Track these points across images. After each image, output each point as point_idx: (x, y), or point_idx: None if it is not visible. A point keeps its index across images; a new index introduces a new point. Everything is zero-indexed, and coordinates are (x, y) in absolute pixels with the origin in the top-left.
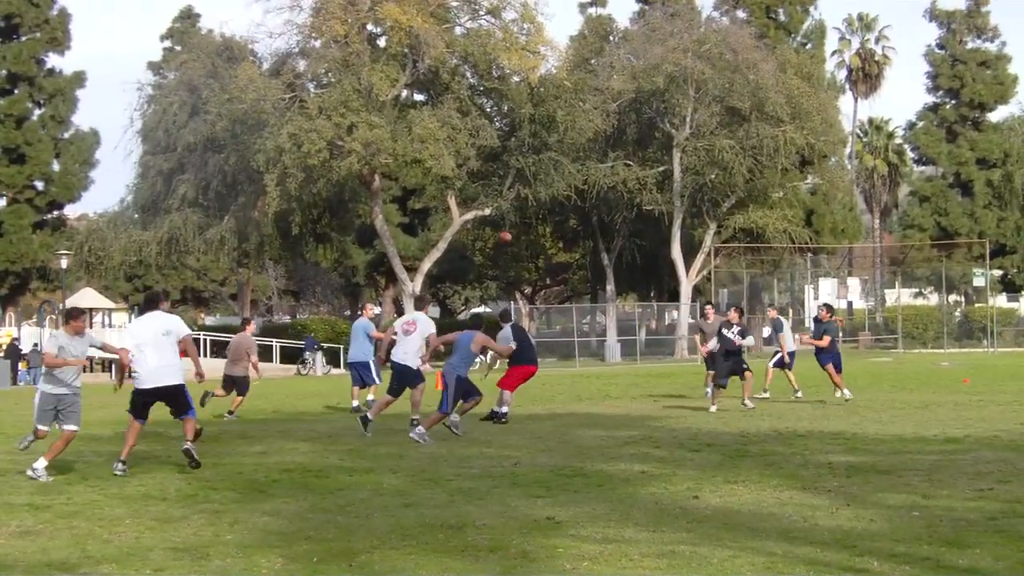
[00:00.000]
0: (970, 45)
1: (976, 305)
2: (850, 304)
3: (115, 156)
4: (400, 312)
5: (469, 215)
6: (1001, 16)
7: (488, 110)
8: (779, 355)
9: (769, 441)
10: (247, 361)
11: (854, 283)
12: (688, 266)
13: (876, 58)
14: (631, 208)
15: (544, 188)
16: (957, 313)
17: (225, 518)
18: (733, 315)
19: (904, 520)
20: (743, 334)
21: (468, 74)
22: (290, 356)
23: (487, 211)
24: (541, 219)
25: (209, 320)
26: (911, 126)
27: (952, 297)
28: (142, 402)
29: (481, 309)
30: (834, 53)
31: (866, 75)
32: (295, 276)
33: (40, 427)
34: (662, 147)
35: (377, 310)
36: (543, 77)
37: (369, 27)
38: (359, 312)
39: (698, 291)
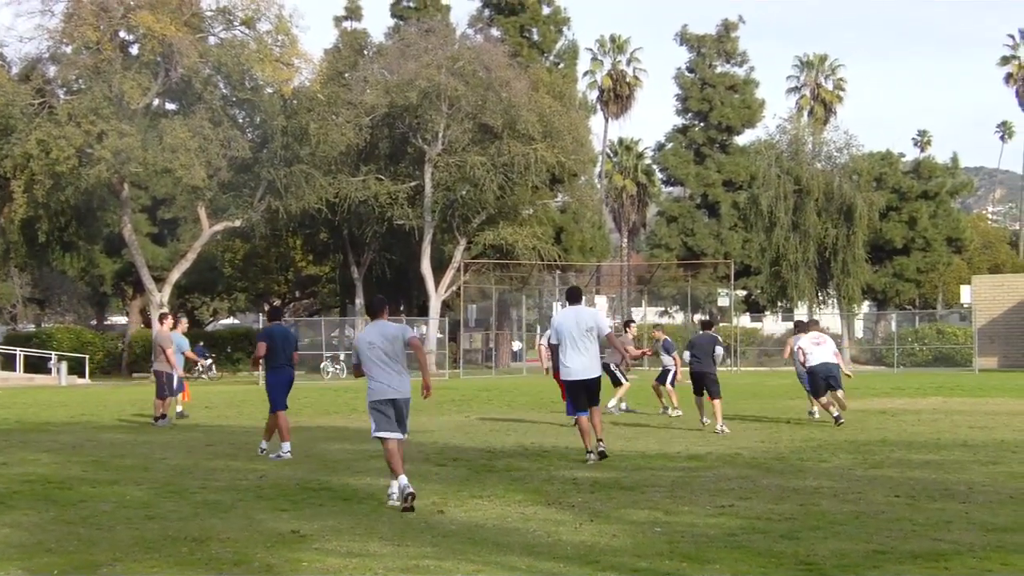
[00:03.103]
0: (719, 69)
1: (720, 324)
2: None
3: None
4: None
5: (219, 226)
6: (749, 42)
7: (240, 121)
8: (672, 372)
9: (515, 456)
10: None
11: (601, 301)
12: (437, 281)
13: (627, 79)
14: (382, 222)
15: (295, 200)
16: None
17: None
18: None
19: (646, 535)
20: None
21: (221, 84)
22: (34, 365)
23: (237, 222)
24: (292, 231)
25: None
26: (660, 147)
27: (697, 316)
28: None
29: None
30: (586, 74)
31: (617, 96)
32: (40, 284)
33: None
34: (414, 162)
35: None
36: (296, 89)
37: (122, 34)
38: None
39: (447, 306)
